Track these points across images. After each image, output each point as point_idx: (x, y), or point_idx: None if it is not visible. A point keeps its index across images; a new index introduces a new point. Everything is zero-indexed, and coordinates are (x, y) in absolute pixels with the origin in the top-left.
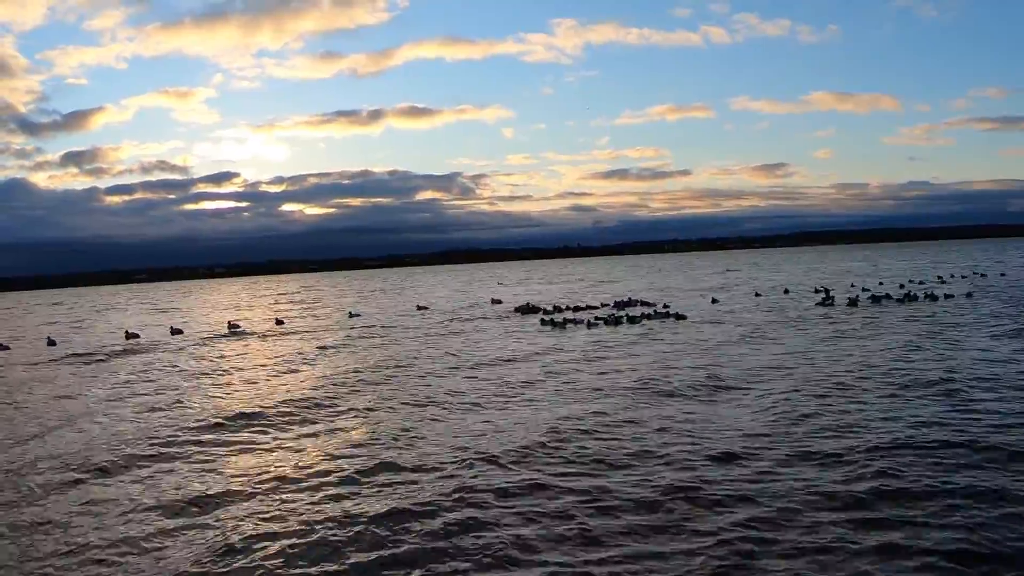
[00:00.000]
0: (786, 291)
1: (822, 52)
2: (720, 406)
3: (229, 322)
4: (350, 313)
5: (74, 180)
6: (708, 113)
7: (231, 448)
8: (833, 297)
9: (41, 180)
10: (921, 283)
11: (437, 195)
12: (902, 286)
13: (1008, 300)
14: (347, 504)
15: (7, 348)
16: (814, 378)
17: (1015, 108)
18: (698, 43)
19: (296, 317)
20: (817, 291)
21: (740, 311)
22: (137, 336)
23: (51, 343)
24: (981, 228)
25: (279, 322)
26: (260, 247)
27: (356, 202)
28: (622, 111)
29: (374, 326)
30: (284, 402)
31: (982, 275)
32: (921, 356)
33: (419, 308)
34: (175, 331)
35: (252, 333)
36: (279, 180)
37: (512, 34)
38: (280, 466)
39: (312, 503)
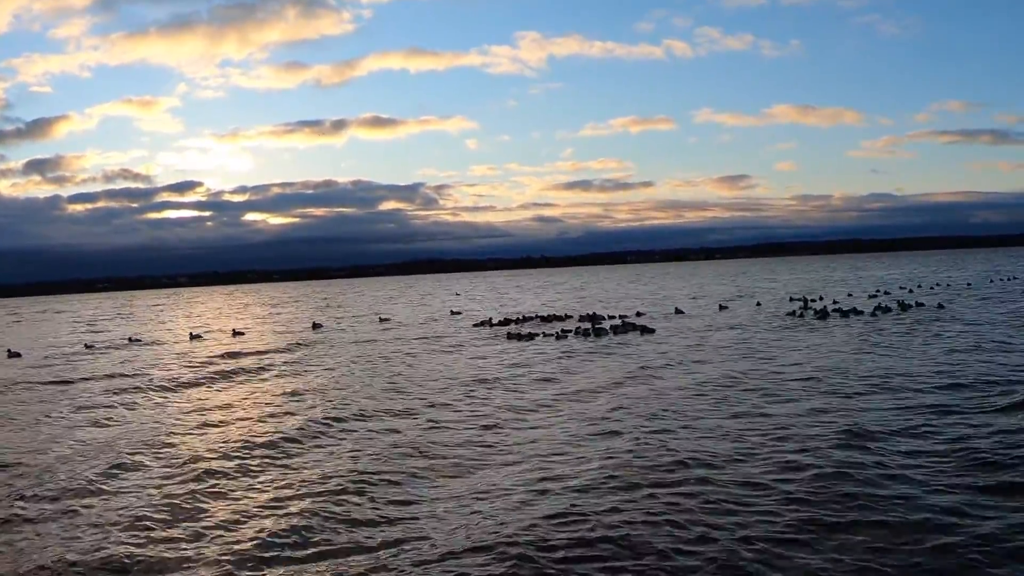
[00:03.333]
0: (758, 304)
1: (784, 66)
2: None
3: (190, 332)
4: (313, 324)
5: (37, 188)
6: (671, 125)
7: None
8: (811, 308)
9: (3, 188)
10: (887, 293)
11: (401, 205)
12: (872, 296)
13: (978, 308)
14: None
15: None
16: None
17: (976, 122)
18: (661, 56)
19: (255, 328)
20: (793, 299)
21: (708, 324)
22: (92, 347)
23: (13, 355)
24: (945, 239)
25: (237, 333)
26: (223, 256)
27: (320, 212)
28: (585, 123)
29: (334, 338)
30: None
31: (947, 286)
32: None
33: (381, 320)
34: (133, 340)
35: (210, 344)
36: (242, 189)
37: (476, 46)
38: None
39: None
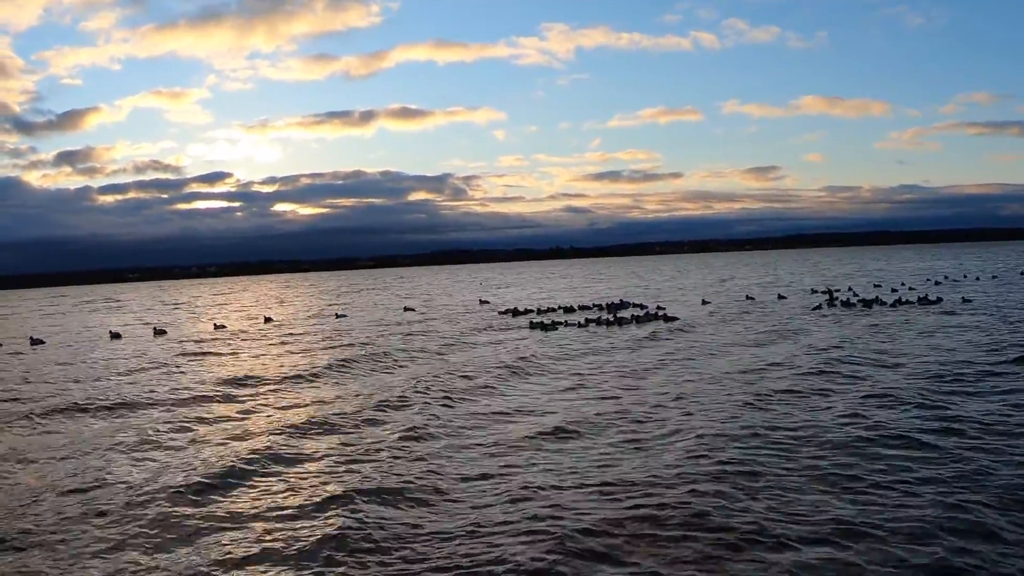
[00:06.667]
0: (780, 296)
1: (811, 57)
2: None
3: (214, 323)
4: (336, 314)
5: (67, 179)
6: (699, 116)
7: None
8: (837, 300)
9: (35, 179)
10: (911, 289)
11: (429, 196)
12: (894, 290)
13: (1003, 304)
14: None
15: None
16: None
17: (1003, 114)
18: (688, 48)
19: (283, 315)
20: (814, 292)
21: (732, 314)
22: (119, 336)
23: (36, 342)
24: (974, 232)
25: (268, 320)
26: (253, 247)
27: (348, 202)
28: (613, 114)
29: (355, 328)
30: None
31: (976, 278)
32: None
33: (406, 309)
34: (158, 332)
35: (238, 331)
36: (272, 180)
37: (504, 37)
38: None
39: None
